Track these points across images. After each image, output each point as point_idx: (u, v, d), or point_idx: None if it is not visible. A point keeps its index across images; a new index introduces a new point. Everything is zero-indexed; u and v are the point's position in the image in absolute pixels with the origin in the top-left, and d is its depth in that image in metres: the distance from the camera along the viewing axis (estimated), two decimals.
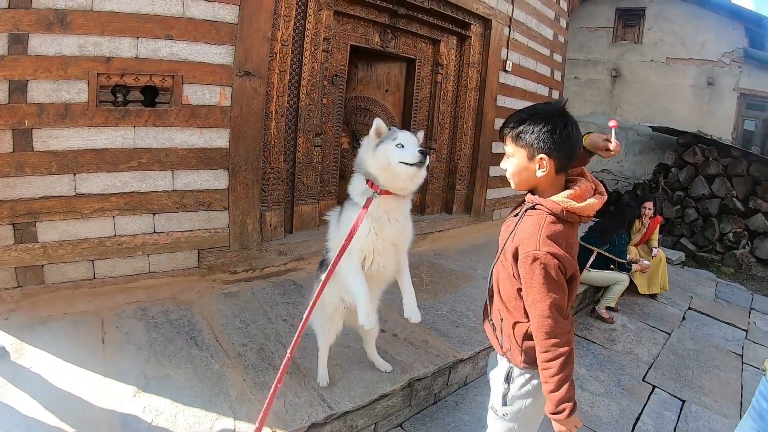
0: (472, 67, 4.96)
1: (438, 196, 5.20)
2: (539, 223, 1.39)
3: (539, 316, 1.38)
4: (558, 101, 1.49)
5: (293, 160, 3.69)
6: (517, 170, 1.47)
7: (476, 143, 5.30)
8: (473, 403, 2.77)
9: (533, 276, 1.37)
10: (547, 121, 1.38)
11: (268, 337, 2.62)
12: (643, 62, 9.51)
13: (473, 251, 4.98)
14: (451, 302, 3.54)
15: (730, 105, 8.74)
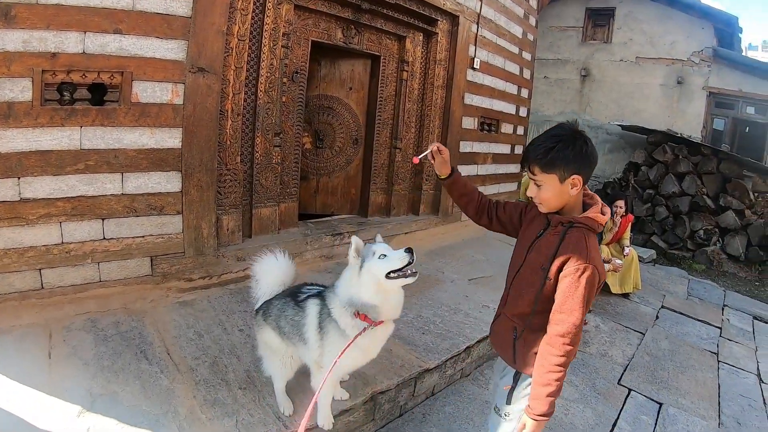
0: (439, 65, 5.10)
1: (404, 197, 5.31)
2: (584, 239, 1.62)
3: (570, 324, 1.58)
4: (569, 123, 1.68)
5: (251, 160, 3.73)
6: (551, 195, 1.64)
7: (443, 142, 5.42)
8: (441, 415, 2.85)
9: (578, 287, 1.57)
10: (573, 144, 1.58)
11: (222, 350, 2.64)
12: (612, 62, 9.95)
13: (441, 253, 5.11)
14: (418, 307, 3.63)
15: (700, 104, 9.27)
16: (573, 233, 1.62)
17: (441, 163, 1.94)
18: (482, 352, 3.47)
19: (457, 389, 3.14)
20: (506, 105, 6.26)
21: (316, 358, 2.02)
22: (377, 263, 1.83)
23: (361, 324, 1.89)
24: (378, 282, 1.84)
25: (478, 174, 6.13)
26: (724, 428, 3.22)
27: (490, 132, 6.14)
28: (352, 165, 4.92)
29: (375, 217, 5.06)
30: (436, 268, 4.59)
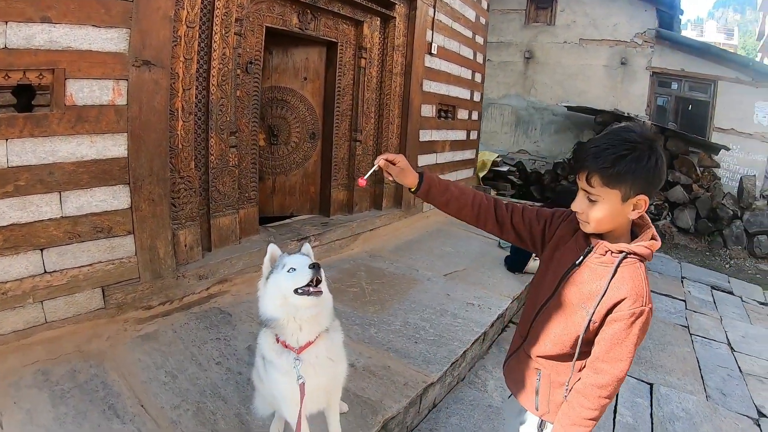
0: (397, 51, 4.84)
1: (366, 191, 5.05)
2: (641, 275, 1.33)
3: (613, 376, 1.33)
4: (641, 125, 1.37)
5: (206, 165, 3.32)
6: (606, 215, 1.32)
7: (403, 132, 5.23)
8: (449, 428, 2.70)
9: (629, 334, 1.30)
10: (649, 156, 1.26)
11: (203, 392, 2.29)
12: (556, 44, 10.16)
13: (409, 249, 4.94)
14: (402, 313, 3.44)
15: (643, 83, 9.69)
16: (627, 267, 1.32)
17: (399, 173, 1.60)
18: (475, 353, 3.37)
19: (458, 396, 3.02)
20: (462, 90, 6.13)
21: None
22: (284, 277, 1.61)
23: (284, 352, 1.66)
24: (284, 296, 1.61)
25: (437, 162, 5.98)
26: (712, 401, 3.37)
27: (447, 119, 6.00)
28: (310, 161, 4.58)
29: (337, 216, 4.76)
30: (409, 266, 4.41)
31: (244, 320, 3.06)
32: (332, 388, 1.87)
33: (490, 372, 3.37)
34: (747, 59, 10.78)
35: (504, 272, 4.68)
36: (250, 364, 2.56)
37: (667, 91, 9.95)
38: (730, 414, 3.26)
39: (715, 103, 9.62)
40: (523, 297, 4.61)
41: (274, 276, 1.65)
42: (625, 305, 1.29)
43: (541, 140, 10.62)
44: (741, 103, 9.44)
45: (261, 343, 1.77)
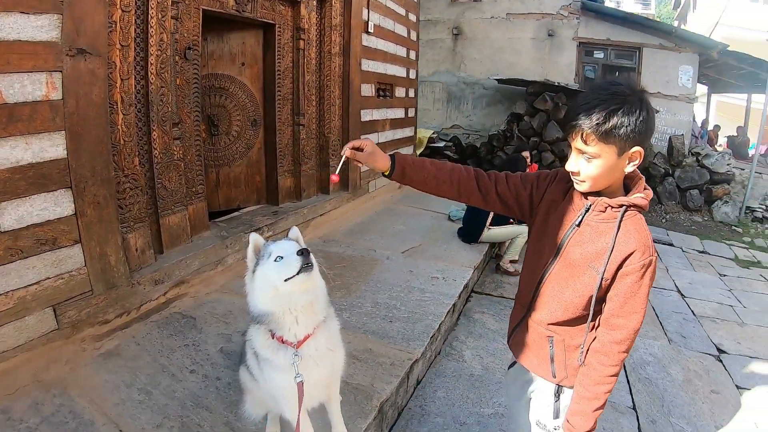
0: (335, 31, 4.71)
1: (312, 176, 4.94)
2: (644, 226, 1.33)
3: (630, 329, 1.34)
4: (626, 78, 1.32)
5: (150, 160, 3.07)
6: (604, 172, 1.29)
7: (345, 113, 5.15)
8: (438, 402, 2.76)
9: (642, 285, 1.31)
10: (640, 107, 1.22)
11: (184, 404, 2.15)
12: (483, 19, 10.35)
13: (362, 230, 4.95)
14: (370, 294, 3.45)
15: (571, 54, 10.13)
16: (630, 219, 1.32)
17: (369, 158, 1.51)
18: (448, 326, 3.47)
19: (438, 370, 3.10)
20: (398, 69, 6.11)
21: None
22: (272, 267, 1.50)
23: (281, 346, 1.57)
24: (275, 287, 1.50)
25: (379, 142, 5.95)
26: (674, 344, 3.70)
27: (386, 97, 5.97)
28: (254, 150, 4.39)
29: (286, 203, 4.62)
30: (366, 247, 4.41)
31: (209, 322, 2.91)
32: (332, 379, 1.82)
33: (464, 342, 3.47)
34: (670, 26, 11.50)
35: (459, 244, 4.79)
36: (226, 368, 2.46)
37: (594, 60, 10.49)
38: (693, 353, 3.59)
39: (641, 69, 10.25)
40: (482, 266, 4.75)
41: (261, 267, 1.53)
42: (635, 258, 1.30)
43: (473, 114, 10.87)
44: (665, 67, 10.12)
45: (254, 340, 1.65)
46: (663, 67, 10.14)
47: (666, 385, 3.16)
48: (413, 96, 6.82)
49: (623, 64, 10.46)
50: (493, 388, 2.96)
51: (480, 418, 2.68)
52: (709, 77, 14.32)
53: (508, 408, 1.87)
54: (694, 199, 8.74)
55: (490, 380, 3.04)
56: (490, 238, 4.75)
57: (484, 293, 4.38)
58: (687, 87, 10.27)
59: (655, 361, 3.42)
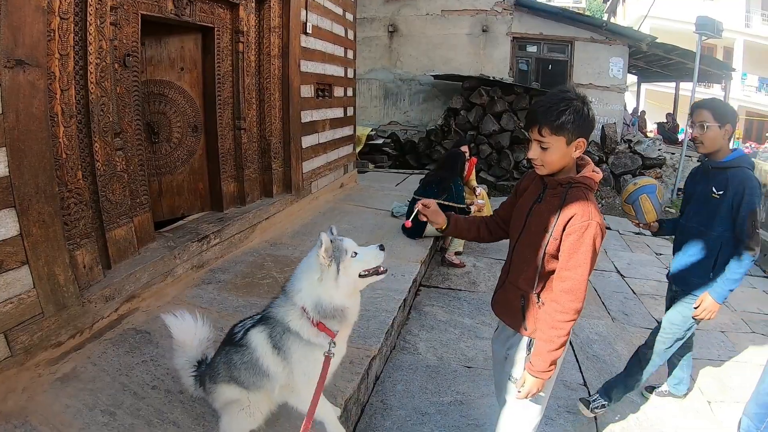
0: (274, 32, 4.72)
1: (255, 180, 4.92)
2: (586, 197, 1.67)
3: (576, 280, 1.64)
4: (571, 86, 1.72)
5: (93, 173, 2.98)
6: (556, 157, 1.67)
7: (286, 115, 5.16)
8: (398, 395, 2.89)
9: (582, 243, 1.62)
10: (582, 108, 1.61)
11: (150, 422, 2.15)
12: (419, 16, 10.57)
13: (308, 232, 5.01)
14: None
15: (505, 48, 10.60)
16: (574, 192, 1.68)
17: (432, 215, 1.98)
18: (400, 320, 3.63)
19: (395, 364, 3.24)
20: (336, 68, 6.18)
21: (284, 382, 1.87)
22: (353, 263, 1.75)
23: (320, 333, 1.79)
24: (354, 284, 1.76)
25: (320, 142, 6.00)
26: (618, 322, 4.05)
27: (325, 98, 6.02)
28: (196, 156, 4.31)
29: (231, 209, 4.59)
30: (311, 248, 4.42)
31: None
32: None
33: (417, 335, 3.63)
34: (600, 21, 12.28)
35: (404, 239, 4.95)
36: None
37: (527, 54, 11.05)
38: (636, 329, 3.95)
39: (573, 62, 10.92)
40: (428, 260, 4.94)
41: (343, 265, 1.74)
42: (576, 220, 1.63)
43: (410, 110, 11.12)
44: (597, 59, 10.81)
45: (296, 326, 1.80)
46: (594, 60, 10.85)
47: (613, 360, 3.46)
48: (352, 95, 6.92)
49: (556, 57, 11.10)
50: (449, 377, 3.13)
51: (440, 407, 2.84)
52: (638, 68, 15.50)
53: (493, 367, 2.17)
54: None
55: (445, 370, 3.21)
56: (434, 232, 4.92)
57: (432, 286, 4.58)
58: (617, 78, 11.06)
59: (601, 339, 3.74)
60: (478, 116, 9.68)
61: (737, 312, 4.65)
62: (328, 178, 6.30)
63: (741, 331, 4.26)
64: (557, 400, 2.89)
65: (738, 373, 3.52)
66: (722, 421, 2.96)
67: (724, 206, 2.46)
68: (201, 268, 3.84)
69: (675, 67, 13.79)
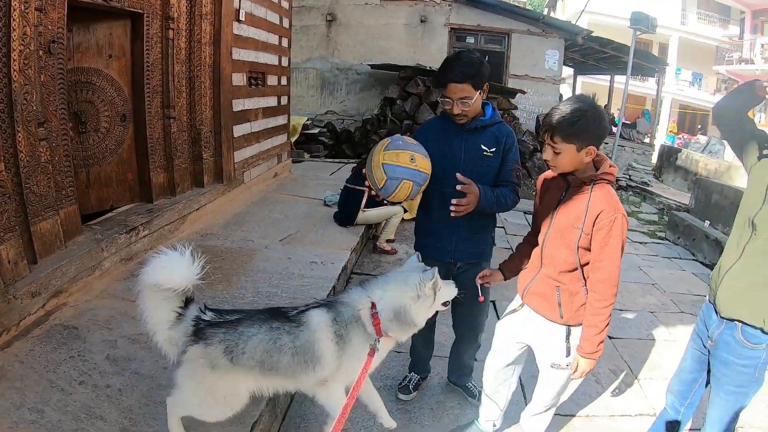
0: (205, 19, 4.71)
1: (185, 170, 4.92)
2: (610, 192, 1.90)
3: (609, 270, 1.89)
4: (590, 96, 1.92)
5: (16, 164, 2.93)
6: (568, 162, 1.90)
7: (216, 104, 5.17)
8: None
9: (611, 236, 1.86)
10: (595, 119, 1.82)
11: (77, 417, 2.19)
12: (357, 5, 10.67)
13: (240, 222, 5.10)
14: (251, 284, 3.60)
15: (442, 39, 10.91)
16: (599, 188, 1.90)
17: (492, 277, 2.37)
18: None
19: None
20: (270, 57, 6.21)
21: (326, 375, 1.99)
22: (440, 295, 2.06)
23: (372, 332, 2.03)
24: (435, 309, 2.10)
25: (252, 131, 6.05)
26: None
27: (258, 86, 6.06)
28: (124, 146, 4.27)
29: (161, 200, 4.58)
30: (243, 238, 4.58)
31: (92, 330, 2.93)
32: None
33: None
34: (537, 13, 12.81)
35: (336, 228, 5.13)
36: (115, 374, 2.52)
37: (464, 45, 11.44)
38: None
39: (510, 53, 11.39)
40: (360, 248, 5.16)
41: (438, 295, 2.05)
42: (604, 215, 1.85)
43: (347, 99, 11.24)
44: (533, 51, 11.31)
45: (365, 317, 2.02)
46: (531, 52, 11.38)
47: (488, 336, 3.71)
48: (286, 84, 6.96)
49: (493, 48, 11.54)
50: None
51: None
52: (575, 60, 16.37)
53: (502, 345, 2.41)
54: None
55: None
56: (366, 219, 5.15)
57: (363, 273, 4.76)
58: (553, 69, 11.66)
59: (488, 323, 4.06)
60: (414, 105, 9.95)
61: (667, 293, 5.13)
62: (261, 168, 6.36)
63: (670, 311, 4.66)
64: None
65: (666, 351, 3.86)
66: (650, 397, 3.26)
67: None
68: (130, 261, 3.85)
69: (610, 60, 14.71)
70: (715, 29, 27.40)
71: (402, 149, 2.26)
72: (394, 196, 2.30)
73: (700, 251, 6.63)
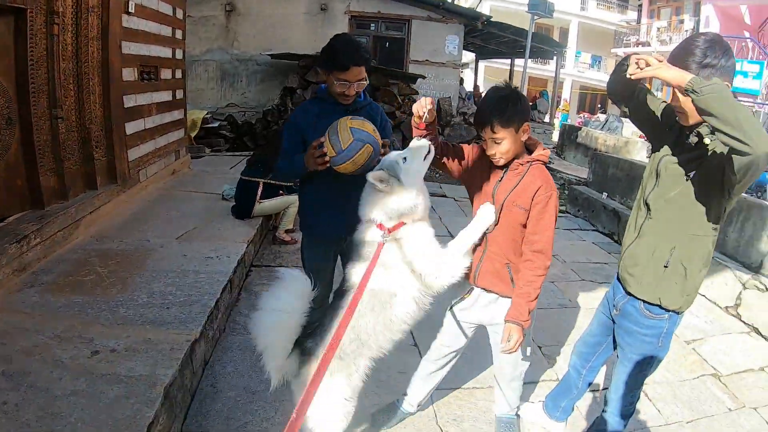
0: (92, 13, 4.56)
1: (77, 173, 4.76)
2: (544, 171, 2.17)
3: (545, 242, 2.11)
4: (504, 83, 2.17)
5: None
6: (512, 147, 2.10)
7: (107, 101, 5.04)
8: (228, 378, 3.07)
9: (547, 210, 2.10)
10: (518, 99, 2.06)
11: None
12: None
13: (136, 222, 5.02)
14: (146, 285, 3.59)
15: (343, 27, 11.11)
16: (534, 169, 2.14)
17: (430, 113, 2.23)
18: (227, 302, 3.84)
19: (225, 347, 3.42)
20: (163, 49, 6.07)
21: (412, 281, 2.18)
22: (410, 166, 2.12)
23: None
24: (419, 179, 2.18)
25: (147, 128, 5.92)
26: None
27: (151, 80, 5.92)
28: (11, 151, 4.05)
29: (53, 205, 4.40)
30: (139, 239, 4.54)
31: None
32: None
33: (247, 316, 3.77)
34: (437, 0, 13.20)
35: (233, 221, 5.20)
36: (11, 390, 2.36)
37: (365, 32, 11.70)
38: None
39: (410, 39, 11.74)
40: (259, 240, 5.29)
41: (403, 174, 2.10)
42: (541, 191, 2.09)
43: (248, 91, 11.09)
44: (433, 37, 11.71)
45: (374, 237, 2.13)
46: (431, 37, 11.81)
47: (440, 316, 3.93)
48: (181, 77, 6.81)
49: (393, 35, 11.86)
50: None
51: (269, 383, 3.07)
52: (476, 45, 17.09)
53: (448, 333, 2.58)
54: None
55: None
56: (263, 211, 5.28)
57: (263, 265, 4.87)
58: (453, 54, 12.19)
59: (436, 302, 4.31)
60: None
61: (567, 263, 5.44)
62: (158, 165, 6.23)
63: (570, 280, 4.93)
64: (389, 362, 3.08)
65: (567, 318, 4.12)
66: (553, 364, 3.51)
67: None
68: (23, 271, 3.72)
69: (510, 44, 15.62)
70: (613, 14, 30.10)
71: (366, 121, 2.37)
72: (352, 159, 2.26)
73: (599, 221, 7.01)
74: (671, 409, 3.25)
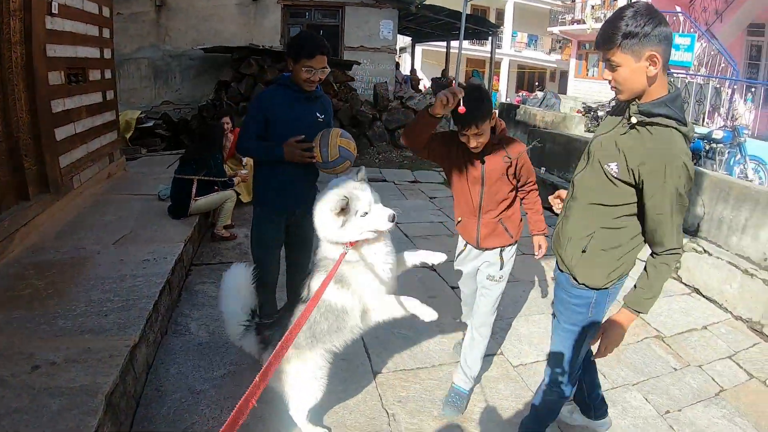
0: (14, 16, 4.37)
1: (7, 184, 4.58)
2: (516, 139, 2.89)
3: (535, 175, 2.93)
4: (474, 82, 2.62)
5: None
6: (487, 134, 2.66)
7: (34, 107, 4.83)
8: (172, 379, 3.09)
9: (527, 161, 2.80)
10: (486, 95, 2.70)
11: None
12: None
13: (72, 231, 4.91)
14: (83, 294, 3.54)
15: (275, 16, 10.96)
16: (506, 138, 2.80)
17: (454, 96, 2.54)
18: (167, 304, 3.86)
19: (168, 349, 3.43)
20: (90, 50, 5.87)
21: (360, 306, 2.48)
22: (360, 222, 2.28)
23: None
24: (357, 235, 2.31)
25: (77, 132, 5.73)
26: None
27: (79, 83, 5.73)
28: None
29: None
30: (75, 247, 4.45)
31: None
32: None
33: (188, 316, 3.89)
34: None
35: (170, 221, 5.19)
36: None
37: (299, 21, 11.70)
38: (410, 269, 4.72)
39: (344, 26, 11.78)
40: (198, 238, 5.31)
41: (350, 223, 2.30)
42: (517, 143, 2.78)
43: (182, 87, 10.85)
44: (368, 23, 11.77)
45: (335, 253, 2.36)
46: (365, 23, 11.88)
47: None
48: (111, 77, 6.59)
49: (327, 22, 11.89)
50: (221, 351, 3.38)
51: (214, 382, 3.07)
52: (411, 29, 17.21)
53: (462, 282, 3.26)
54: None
55: (217, 344, 3.46)
56: (199, 209, 5.27)
57: (203, 263, 4.89)
58: (388, 39, 12.30)
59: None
60: (249, 86, 9.93)
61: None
62: (92, 170, 6.04)
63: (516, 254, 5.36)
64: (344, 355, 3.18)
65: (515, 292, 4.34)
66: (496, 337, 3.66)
67: None
68: None
69: (446, 27, 15.85)
70: None
71: (350, 140, 2.95)
72: (333, 170, 2.88)
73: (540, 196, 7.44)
74: (617, 373, 3.44)
